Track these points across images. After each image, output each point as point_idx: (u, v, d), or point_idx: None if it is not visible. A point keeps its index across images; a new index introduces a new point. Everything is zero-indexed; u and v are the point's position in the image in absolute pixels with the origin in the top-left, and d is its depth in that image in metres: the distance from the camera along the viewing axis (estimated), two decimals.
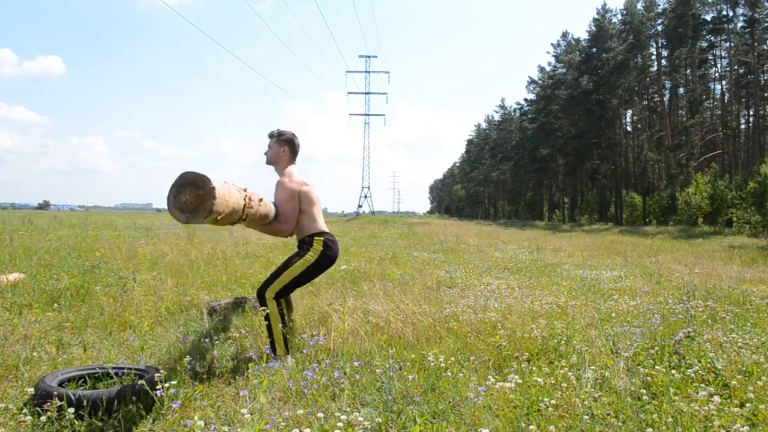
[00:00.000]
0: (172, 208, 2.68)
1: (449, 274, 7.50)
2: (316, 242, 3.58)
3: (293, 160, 3.75)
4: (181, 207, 2.67)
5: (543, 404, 2.51)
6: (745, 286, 6.48)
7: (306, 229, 3.62)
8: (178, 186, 2.68)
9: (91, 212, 78.13)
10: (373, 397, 2.74)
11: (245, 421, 2.27)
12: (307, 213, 3.60)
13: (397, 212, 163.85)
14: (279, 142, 3.70)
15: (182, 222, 2.73)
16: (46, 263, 7.23)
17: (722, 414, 2.36)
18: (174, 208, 2.68)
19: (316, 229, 3.62)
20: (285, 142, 3.70)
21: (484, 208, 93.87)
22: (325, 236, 3.62)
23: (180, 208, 2.67)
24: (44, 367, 3.24)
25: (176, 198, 2.67)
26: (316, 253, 3.55)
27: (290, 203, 3.54)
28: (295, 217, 3.57)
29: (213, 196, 2.63)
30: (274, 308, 3.45)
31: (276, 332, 3.42)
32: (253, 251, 10.42)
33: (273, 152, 3.70)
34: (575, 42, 51.03)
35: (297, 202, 3.55)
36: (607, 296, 5.81)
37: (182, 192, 2.67)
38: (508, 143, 68.10)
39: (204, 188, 2.64)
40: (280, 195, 3.56)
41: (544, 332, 3.82)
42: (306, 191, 3.59)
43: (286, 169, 3.69)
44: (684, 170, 33.13)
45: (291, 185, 3.56)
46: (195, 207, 2.66)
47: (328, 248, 3.60)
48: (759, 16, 32.91)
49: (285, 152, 3.69)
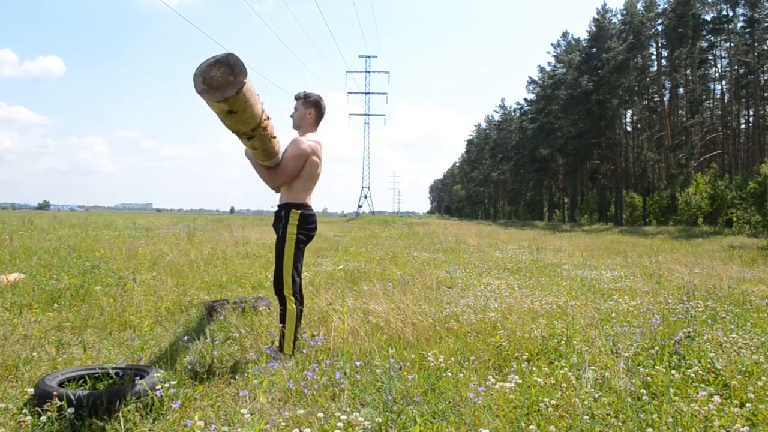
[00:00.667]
0: (197, 76, 2.59)
1: (449, 274, 7.50)
2: (293, 216, 3.52)
3: (316, 126, 3.68)
4: (206, 78, 2.58)
5: (543, 404, 2.51)
6: (745, 286, 6.48)
7: (293, 193, 3.55)
8: (217, 60, 2.60)
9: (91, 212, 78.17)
10: (373, 397, 2.74)
11: (245, 421, 2.27)
12: (302, 179, 3.54)
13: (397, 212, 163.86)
14: (306, 103, 3.62)
15: (197, 90, 2.63)
16: (46, 263, 7.23)
17: (722, 414, 2.36)
18: (199, 75, 2.59)
19: (300, 199, 3.56)
20: (312, 104, 3.62)
21: (484, 208, 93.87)
22: (303, 209, 3.55)
23: (204, 78, 2.58)
24: (44, 367, 3.24)
25: (207, 68, 2.59)
26: (294, 227, 3.51)
27: (294, 161, 3.48)
28: (291, 176, 3.51)
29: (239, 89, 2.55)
30: (293, 307, 3.45)
31: (289, 331, 3.42)
32: (253, 251, 10.43)
33: (299, 114, 3.63)
34: (575, 42, 51.03)
35: (301, 165, 3.49)
36: (607, 296, 5.81)
37: (216, 67, 2.59)
38: (508, 143, 68.10)
39: (236, 77, 2.56)
40: (290, 149, 3.50)
41: (544, 332, 3.82)
42: (314, 161, 3.53)
43: (307, 133, 3.61)
44: (684, 170, 33.13)
45: (304, 146, 3.49)
46: (217, 87, 2.58)
47: (305, 220, 3.54)
48: (759, 16, 32.91)
49: (311, 114, 3.63)
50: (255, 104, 2.84)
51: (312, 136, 3.61)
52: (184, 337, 3.91)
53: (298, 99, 3.66)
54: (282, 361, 3.26)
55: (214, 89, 2.59)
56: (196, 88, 2.62)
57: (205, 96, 2.62)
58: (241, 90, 2.58)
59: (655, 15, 38.72)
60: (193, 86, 2.63)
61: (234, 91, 2.57)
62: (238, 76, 2.58)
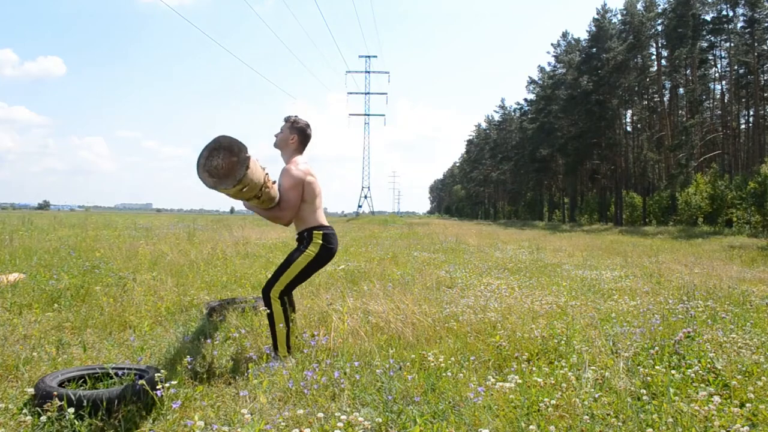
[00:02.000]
0: (201, 171, 2.57)
1: (449, 274, 7.50)
2: (316, 236, 3.55)
3: (301, 150, 3.71)
4: (211, 171, 2.57)
5: (543, 404, 2.51)
6: (745, 286, 6.48)
7: (306, 220, 3.59)
8: (212, 149, 2.59)
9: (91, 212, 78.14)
10: (373, 397, 2.74)
11: (245, 421, 2.27)
12: (308, 203, 3.57)
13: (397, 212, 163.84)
14: (291, 128, 3.66)
15: (209, 186, 2.62)
16: (46, 263, 7.23)
17: (722, 414, 2.36)
18: (203, 171, 2.57)
19: (316, 221, 3.60)
20: (297, 130, 3.66)
21: (484, 208, 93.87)
22: (324, 230, 3.59)
23: (209, 172, 2.57)
24: (44, 367, 3.24)
25: (207, 161, 2.57)
26: (316, 247, 3.53)
27: (294, 191, 3.50)
28: (296, 206, 3.53)
29: (247, 166, 2.54)
30: (279, 308, 3.44)
31: (279, 332, 3.42)
32: (253, 251, 10.42)
33: (283, 137, 3.66)
34: (575, 42, 51.04)
35: (300, 191, 3.51)
36: (607, 296, 5.81)
37: (215, 156, 2.58)
38: (508, 143, 68.12)
39: (239, 156, 2.55)
40: (285, 181, 3.52)
41: (544, 332, 3.82)
42: (311, 181, 3.56)
43: (293, 157, 3.65)
44: (684, 170, 33.12)
45: (296, 173, 3.51)
46: (226, 174, 2.57)
47: (328, 241, 3.58)
48: (759, 16, 32.89)
49: (294, 140, 3.65)
50: (257, 168, 2.84)
51: (298, 159, 3.65)
52: (184, 337, 3.91)
53: (287, 121, 3.71)
54: (282, 361, 3.26)
55: (225, 177, 2.58)
56: (207, 184, 2.61)
57: (221, 187, 2.61)
58: (249, 165, 2.57)
59: (655, 15, 38.72)
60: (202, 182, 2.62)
61: (244, 169, 2.57)
62: (240, 154, 2.57)
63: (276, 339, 3.43)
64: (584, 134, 42.83)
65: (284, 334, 3.42)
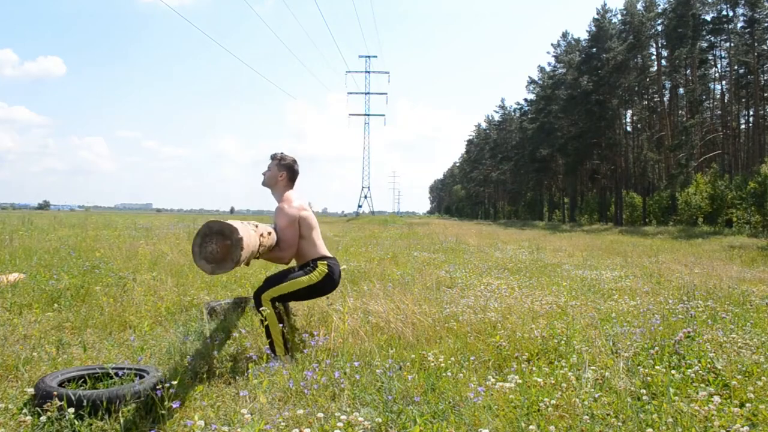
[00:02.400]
0: (198, 259, 2.59)
1: (449, 274, 7.50)
2: (321, 265, 3.58)
3: (291, 185, 3.74)
4: (207, 257, 2.58)
5: (543, 404, 2.51)
6: (745, 286, 6.48)
7: (307, 254, 3.62)
8: (204, 235, 2.60)
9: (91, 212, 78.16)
10: (373, 397, 2.74)
11: (245, 421, 2.27)
12: (307, 238, 3.60)
13: (397, 212, 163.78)
14: (279, 166, 3.69)
15: (208, 272, 2.66)
16: (46, 263, 7.23)
17: (722, 414, 2.36)
18: (200, 259, 2.59)
19: (317, 254, 3.62)
20: (284, 167, 3.69)
21: (484, 208, 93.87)
22: (328, 260, 3.63)
23: (206, 259, 2.58)
24: (44, 367, 3.24)
25: (201, 248, 2.58)
26: (320, 274, 3.55)
27: (290, 229, 3.53)
28: (295, 244, 3.57)
29: (241, 247, 2.56)
30: (270, 311, 3.44)
31: (274, 333, 3.42)
32: None
33: (271, 175, 3.69)
34: (575, 42, 51.05)
35: (297, 228, 3.55)
36: (607, 296, 5.81)
37: (208, 242, 2.59)
38: (508, 143, 68.12)
39: (231, 238, 2.56)
40: (280, 221, 3.55)
41: (544, 332, 3.82)
42: (305, 216, 3.59)
43: (284, 194, 3.67)
44: (684, 170, 33.12)
45: (291, 211, 3.54)
46: (222, 257, 2.58)
47: (332, 271, 3.60)
48: (759, 16, 32.89)
49: (283, 177, 3.69)
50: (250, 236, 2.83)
51: (290, 195, 3.67)
52: (184, 337, 3.91)
53: (273, 159, 3.72)
54: (282, 361, 3.26)
55: (222, 260, 2.59)
56: (207, 271, 2.63)
57: (221, 271, 2.63)
58: (243, 245, 2.57)
59: (655, 15, 38.72)
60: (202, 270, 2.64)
61: (239, 250, 2.57)
62: (232, 236, 2.58)
63: (272, 341, 3.43)
64: (584, 134, 42.83)
65: (280, 335, 3.43)
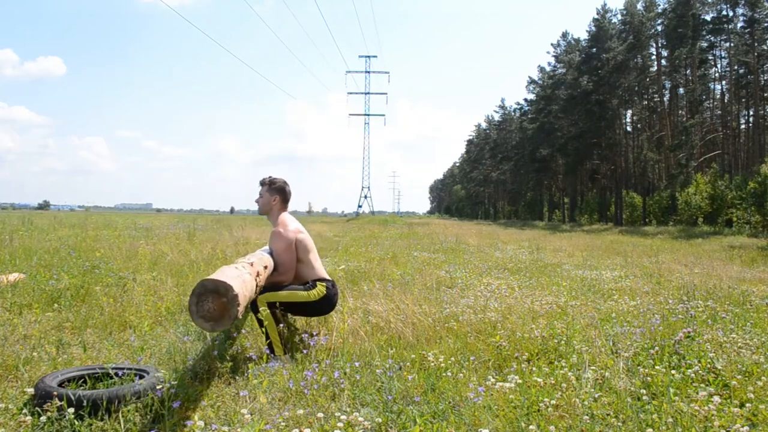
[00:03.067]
0: (196, 318, 2.57)
1: (449, 274, 7.50)
2: (320, 285, 3.60)
3: (285, 207, 3.76)
4: (205, 316, 2.56)
5: (543, 404, 2.51)
6: (745, 286, 6.48)
7: (305, 276, 3.64)
8: (199, 294, 2.57)
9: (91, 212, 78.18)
10: (373, 397, 2.74)
11: (245, 421, 2.27)
12: (304, 261, 3.63)
13: (397, 212, 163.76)
14: (270, 190, 3.71)
15: (207, 330, 2.67)
16: (46, 263, 7.23)
17: (722, 414, 2.36)
18: (198, 318, 2.57)
19: (316, 275, 3.65)
20: (276, 191, 3.71)
21: (484, 208, 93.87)
22: (326, 282, 3.64)
23: (204, 317, 2.56)
24: (44, 367, 3.23)
25: (198, 306, 2.57)
26: (318, 294, 3.57)
27: (287, 253, 3.55)
28: (293, 267, 3.59)
29: (237, 303, 2.54)
30: (267, 312, 3.45)
31: (272, 334, 3.42)
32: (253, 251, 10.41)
33: (264, 201, 3.71)
34: (575, 42, 51.03)
35: (294, 252, 3.57)
36: (607, 296, 5.81)
37: (204, 300, 2.57)
38: (508, 143, 68.11)
39: (227, 296, 2.54)
40: (277, 246, 3.57)
41: (544, 332, 3.82)
42: (302, 239, 3.61)
43: (278, 217, 3.69)
44: (684, 170, 33.11)
45: (287, 235, 3.57)
46: (220, 315, 2.56)
47: (329, 293, 3.62)
48: (759, 16, 32.88)
49: (276, 201, 3.71)
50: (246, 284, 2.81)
51: (285, 219, 3.69)
52: (184, 337, 3.91)
53: (263, 185, 3.73)
54: (282, 361, 3.26)
55: (220, 318, 2.57)
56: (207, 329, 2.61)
57: (220, 328, 2.63)
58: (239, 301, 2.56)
59: (655, 15, 38.71)
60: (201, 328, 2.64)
61: (236, 307, 2.55)
62: (228, 294, 2.55)
63: (271, 341, 3.44)
64: (584, 134, 42.82)
65: (277, 335, 3.43)
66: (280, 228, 3.61)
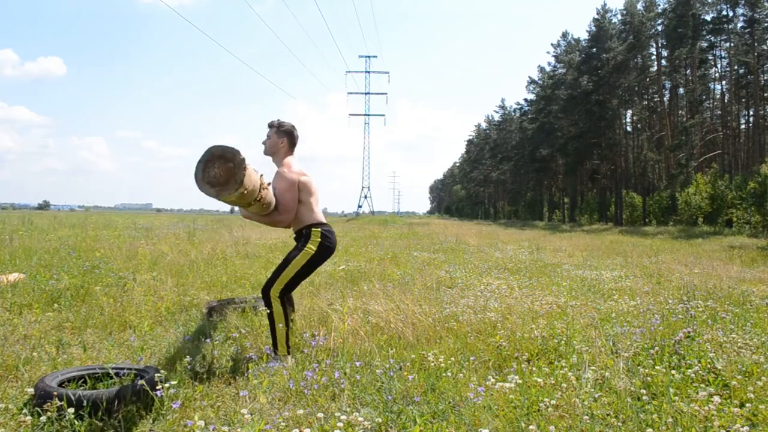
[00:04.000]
0: (201, 184, 2.59)
1: (449, 274, 7.50)
2: (314, 234, 3.58)
3: (291, 151, 3.74)
4: (211, 181, 2.58)
5: (543, 404, 2.51)
6: (745, 286, 6.48)
7: (304, 219, 3.62)
8: (206, 161, 2.60)
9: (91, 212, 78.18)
10: (373, 397, 2.74)
11: (245, 421, 2.27)
12: (305, 203, 3.60)
13: (397, 212, 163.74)
14: (278, 132, 3.69)
15: (212, 196, 2.65)
16: (46, 263, 7.23)
17: (722, 414, 2.36)
18: (203, 183, 2.59)
19: (314, 219, 3.63)
20: (284, 133, 3.69)
21: (484, 208, 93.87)
22: (322, 227, 3.62)
23: (210, 183, 2.58)
24: (44, 367, 3.24)
25: (204, 173, 2.59)
26: (314, 244, 3.56)
27: (289, 193, 3.53)
28: (294, 208, 3.57)
29: (244, 167, 2.57)
30: (279, 308, 3.45)
31: (279, 332, 3.42)
32: (253, 251, 10.43)
33: (272, 143, 3.69)
34: (575, 42, 51.03)
35: (296, 192, 3.55)
36: (607, 296, 5.81)
37: (210, 166, 2.60)
38: (508, 143, 68.11)
39: (234, 160, 2.57)
40: (280, 185, 3.55)
41: (544, 332, 3.82)
42: (305, 181, 3.59)
43: (284, 159, 3.69)
44: (684, 170, 33.11)
45: (290, 175, 3.55)
46: (226, 180, 2.59)
47: (326, 239, 3.61)
48: (759, 16, 32.87)
49: (284, 143, 3.69)
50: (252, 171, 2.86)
51: (290, 161, 3.68)
52: (184, 337, 3.91)
53: (271, 127, 3.72)
54: (282, 360, 3.26)
55: (226, 183, 2.60)
56: (211, 194, 2.62)
57: (225, 193, 2.63)
58: (245, 165, 2.59)
59: (655, 15, 38.71)
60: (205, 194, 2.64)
61: (242, 171, 2.58)
62: (235, 158, 2.58)
63: (276, 338, 3.43)
64: (584, 134, 42.82)
65: (284, 334, 3.43)
66: (284, 168, 3.61)
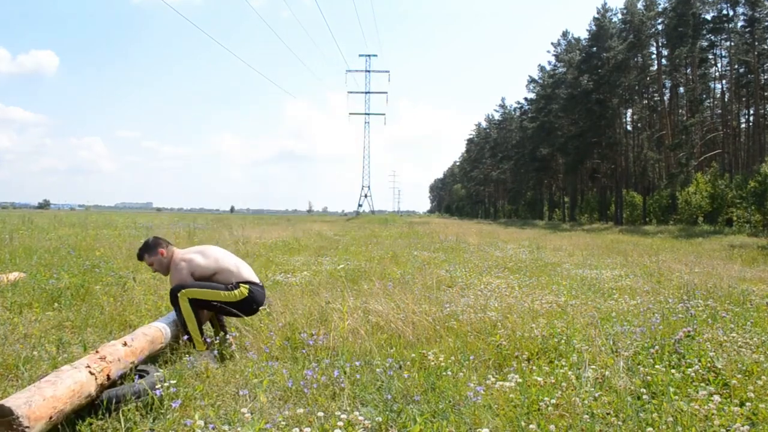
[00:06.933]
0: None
1: (449, 273, 7.50)
2: (242, 287, 3.65)
3: (171, 248, 3.80)
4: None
5: (543, 403, 2.51)
6: (745, 286, 6.48)
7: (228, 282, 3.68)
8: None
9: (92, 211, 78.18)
10: (373, 396, 2.74)
11: (245, 421, 2.27)
12: (218, 272, 3.66)
13: (397, 211, 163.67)
14: (151, 253, 3.73)
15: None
16: (47, 262, 7.23)
17: (722, 413, 2.36)
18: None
19: (240, 278, 3.69)
20: (153, 248, 3.73)
21: (484, 207, 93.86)
22: (251, 285, 3.68)
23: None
24: (44, 366, 3.24)
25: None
26: (240, 296, 3.62)
27: (189, 279, 3.60)
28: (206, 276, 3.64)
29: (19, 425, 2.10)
30: (186, 305, 3.48)
31: (191, 328, 3.47)
32: (253, 250, 10.42)
33: (158, 262, 3.74)
34: (575, 41, 50.99)
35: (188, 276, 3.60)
36: (607, 295, 5.81)
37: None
38: (508, 142, 68.07)
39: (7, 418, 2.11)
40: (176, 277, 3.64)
41: (544, 331, 3.82)
42: (190, 258, 3.65)
43: (174, 259, 3.72)
44: (684, 169, 33.10)
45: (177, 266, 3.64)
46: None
47: (252, 297, 3.66)
48: (759, 16, 32.86)
49: (164, 254, 3.74)
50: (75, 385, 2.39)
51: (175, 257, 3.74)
52: (184, 337, 3.90)
53: (144, 256, 3.75)
54: (199, 357, 3.25)
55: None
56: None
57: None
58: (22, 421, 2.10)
59: (655, 14, 38.68)
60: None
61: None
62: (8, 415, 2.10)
63: (190, 335, 3.48)
64: (584, 133, 42.80)
65: (197, 329, 3.48)
66: (172, 267, 3.69)
